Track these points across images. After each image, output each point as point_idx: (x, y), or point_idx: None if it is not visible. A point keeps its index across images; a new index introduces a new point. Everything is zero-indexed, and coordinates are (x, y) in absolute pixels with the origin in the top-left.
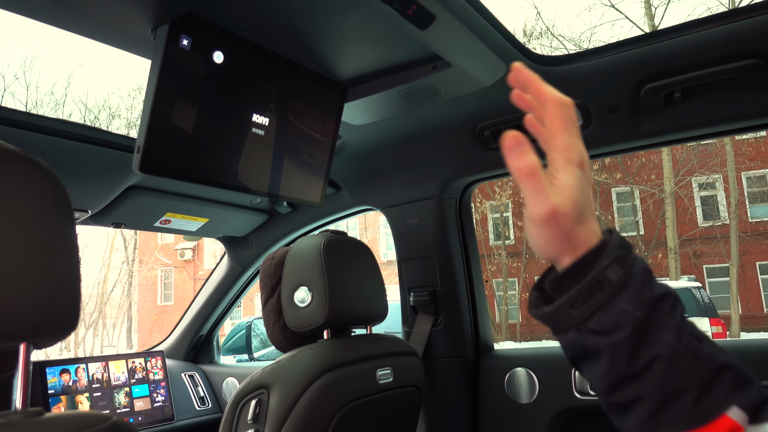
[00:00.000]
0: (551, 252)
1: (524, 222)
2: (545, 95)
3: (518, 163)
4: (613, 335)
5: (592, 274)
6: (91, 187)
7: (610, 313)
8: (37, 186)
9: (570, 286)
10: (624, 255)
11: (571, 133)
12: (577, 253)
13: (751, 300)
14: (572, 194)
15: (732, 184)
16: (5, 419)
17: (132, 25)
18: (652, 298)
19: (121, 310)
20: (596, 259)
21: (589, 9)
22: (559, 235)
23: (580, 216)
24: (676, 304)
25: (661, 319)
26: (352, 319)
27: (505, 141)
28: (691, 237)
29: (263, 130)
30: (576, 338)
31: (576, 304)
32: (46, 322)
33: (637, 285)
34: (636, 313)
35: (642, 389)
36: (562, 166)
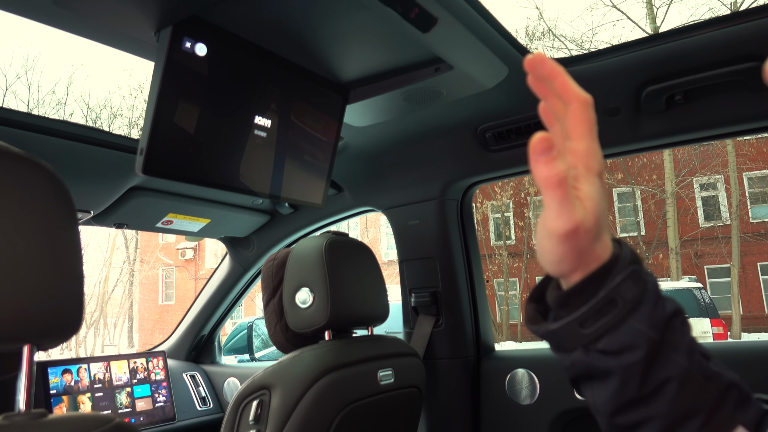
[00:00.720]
0: (564, 268)
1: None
2: (571, 93)
3: (546, 171)
4: (626, 356)
5: (604, 292)
6: (93, 188)
7: (622, 333)
8: (41, 189)
9: (580, 304)
10: (638, 270)
11: (594, 137)
12: (589, 268)
13: (752, 300)
14: (594, 208)
15: (733, 184)
16: (9, 421)
17: (135, 28)
18: (665, 316)
19: (122, 309)
20: (608, 275)
21: (590, 9)
22: (576, 251)
23: (599, 232)
24: (685, 321)
25: (673, 338)
26: (353, 320)
27: (534, 144)
28: (692, 237)
29: (265, 131)
30: (583, 358)
31: (587, 323)
32: (50, 323)
33: (652, 303)
34: (650, 333)
35: (651, 412)
36: (583, 175)
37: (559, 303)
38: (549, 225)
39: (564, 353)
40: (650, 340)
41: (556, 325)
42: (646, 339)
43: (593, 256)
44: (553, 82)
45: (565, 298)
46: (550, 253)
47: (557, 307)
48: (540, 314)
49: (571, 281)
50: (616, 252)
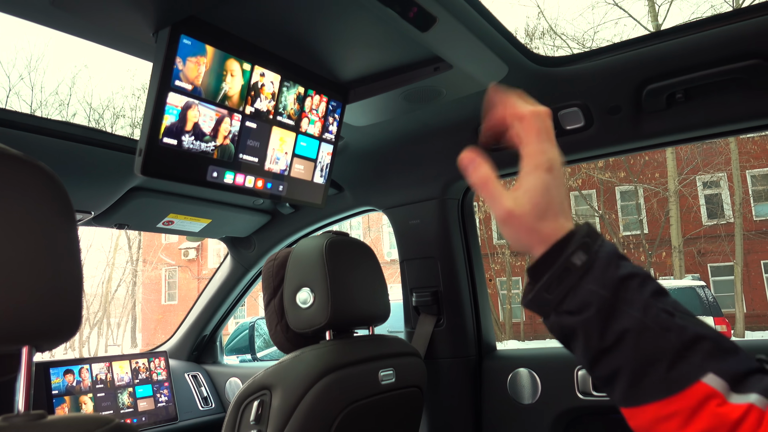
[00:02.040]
0: (520, 244)
1: None
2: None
3: (473, 176)
4: (584, 313)
5: (560, 261)
6: (94, 189)
7: (578, 293)
8: (39, 190)
9: (543, 273)
10: (588, 242)
11: (542, 140)
12: (547, 244)
13: (755, 299)
14: (532, 197)
15: (736, 182)
16: (7, 422)
17: (133, 29)
18: (617, 277)
19: (125, 309)
20: (564, 247)
21: (592, 7)
22: (522, 230)
23: (542, 214)
24: (646, 282)
25: (627, 295)
26: (354, 320)
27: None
28: (695, 236)
29: None
30: (556, 320)
31: (550, 289)
32: (49, 325)
33: (602, 267)
34: (601, 291)
35: (617, 362)
36: (528, 171)
37: (531, 275)
38: (493, 213)
39: (545, 319)
40: (602, 298)
41: (531, 294)
42: (598, 297)
43: (545, 234)
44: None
45: (532, 269)
46: (504, 233)
47: (531, 279)
48: None
49: (536, 256)
50: (572, 230)
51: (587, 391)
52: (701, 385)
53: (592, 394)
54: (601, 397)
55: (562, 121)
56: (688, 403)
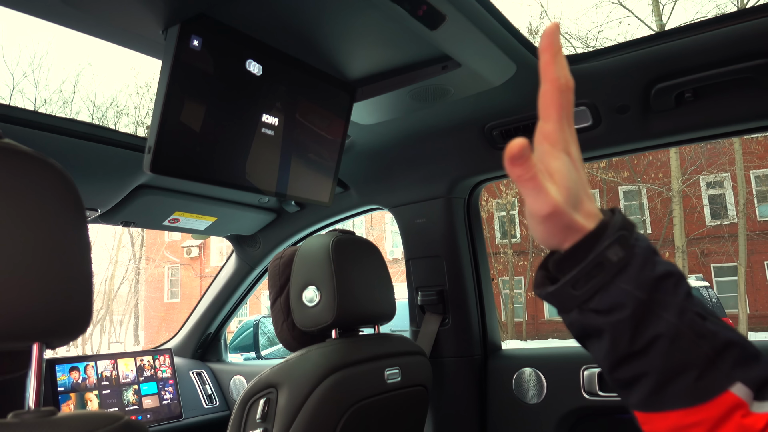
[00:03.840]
0: (553, 242)
1: (527, 218)
2: (548, 73)
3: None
4: (615, 315)
5: (592, 256)
6: (100, 186)
7: (610, 293)
8: (51, 187)
9: (571, 267)
10: (625, 236)
11: (561, 119)
12: (576, 237)
13: (759, 299)
14: (564, 181)
15: (740, 182)
16: (18, 419)
17: (143, 26)
18: (653, 277)
19: (128, 307)
20: (597, 240)
21: (596, 6)
22: (560, 225)
23: (576, 203)
24: (680, 282)
25: (663, 298)
26: (360, 318)
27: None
28: (698, 236)
29: (272, 130)
30: (578, 318)
31: (578, 285)
32: (59, 322)
33: (638, 265)
34: (636, 292)
35: (645, 367)
36: (547, 152)
37: (556, 268)
38: (532, 210)
39: (564, 314)
40: (637, 299)
41: (553, 287)
42: (632, 298)
43: (578, 226)
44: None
45: (559, 263)
46: (539, 232)
47: (555, 272)
48: (549, 280)
49: (564, 249)
50: (605, 220)
51: (593, 391)
52: (729, 395)
53: (598, 394)
54: (607, 397)
55: None
56: (714, 413)
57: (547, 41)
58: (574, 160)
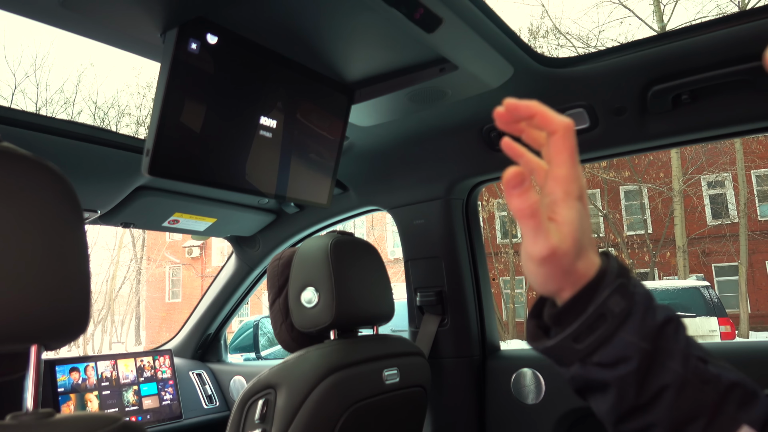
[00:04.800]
0: (550, 288)
1: (522, 259)
2: (554, 123)
3: (520, 203)
4: (620, 368)
5: (593, 307)
6: (100, 188)
7: (615, 345)
8: (48, 190)
9: (572, 320)
10: (624, 284)
11: (575, 163)
12: (577, 286)
13: (760, 299)
14: (572, 231)
15: (741, 182)
16: (17, 420)
17: (141, 29)
18: (656, 325)
19: (129, 307)
20: (596, 290)
21: (596, 6)
22: (559, 272)
23: (580, 252)
24: (680, 327)
25: (667, 345)
26: (358, 319)
27: (507, 179)
28: (699, 236)
29: (271, 132)
30: (581, 372)
31: (579, 338)
32: (57, 323)
33: (641, 314)
34: (642, 344)
35: (652, 419)
36: (561, 199)
37: (554, 320)
38: (528, 251)
39: (564, 368)
40: (642, 351)
41: (552, 341)
42: (637, 350)
43: (578, 274)
44: (533, 119)
45: (558, 315)
46: (534, 275)
47: (553, 324)
48: (541, 329)
49: (562, 299)
50: (603, 267)
51: None
52: None
53: None
54: None
55: None
56: None
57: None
58: (585, 206)
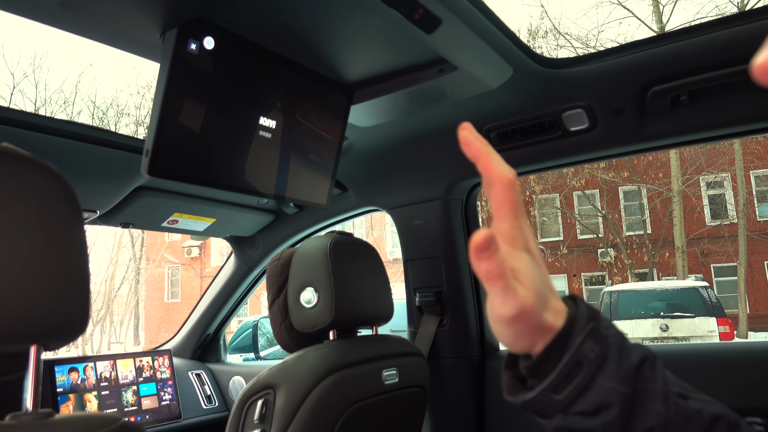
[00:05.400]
0: (523, 345)
1: (489, 320)
2: (493, 174)
3: (488, 266)
4: (603, 415)
5: (568, 355)
6: (99, 188)
7: (594, 392)
8: (47, 190)
9: (548, 371)
10: (596, 327)
11: (517, 216)
12: (548, 337)
13: (759, 299)
14: (531, 282)
15: (740, 182)
16: (16, 421)
17: (141, 30)
18: (633, 367)
19: (128, 307)
20: (568, 337)
21: (596, 7)
22: (529, 328)
23: (544, 302)
24: (655, 364)
25: (646, 387)
26: (357, 319)
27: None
28: (698, 236)
29: (270, 132)
30: (564, 423)
31: (558, 389)
32: (57, 324)
33: (616, 357)
34: (621, 388)
35: None
36: (509, 253)
37: (530, 372)
38: (497, 312)
39: (546, 420)
40: (623, 395)
41: (530, 394)
42: (618, 395)
43: (547, 325)
44: (477, 162)
45: (533, 367)
46: (505, 336)
47: (529, 376)
48: (518, 380)
49: (535, 352)
50: (572, 313)
51: None
52: None
53: None
54: None
55: (567, 123)
56: None
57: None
58: (535, 256)
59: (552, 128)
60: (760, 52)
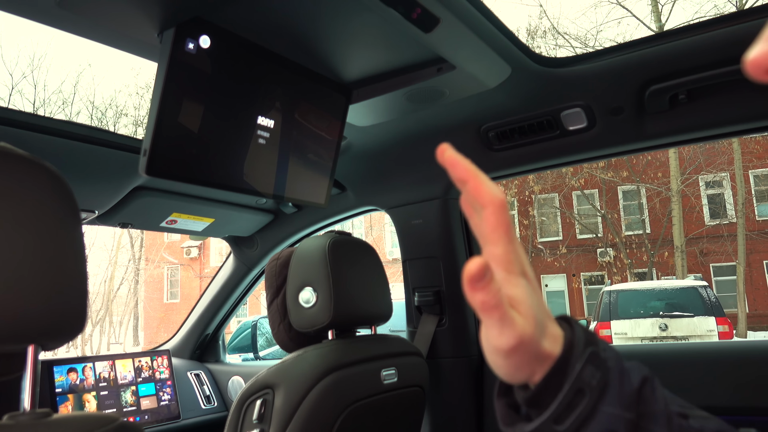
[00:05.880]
0: (521, 376)
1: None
2: (485, 196)
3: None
4: None
5: (569, 384)
6: (97, 188)
7: (598, 421)
8: (44, 190)
9: (549, 400)
10: (595, 351)
11: (511, 239)
12: (547, 365)
13: (758, 298)
14: (529, 310)
15: (739, 182)
16: (14, 420)
17: (138, 30)
18: (635, 390)
19: (127, 307)
20: (568, 364)
21: (594, 7)
22: (527, 358)
23: (542, 330)
24: (655, 384)
25: (648, 409)
26: (356, 319)
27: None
28: (697, 235)
29: (268, 132)
30: None
31: (560, 419)
32: (54, 324)
33: (617, 381)
34: (625, 414)
35: None
36: (505, 279)
37: (529, 403)
38: (494, 344)
39: None
40: (627, 422)
41: (530, 426)
42: (622, 421)
43: (545, 353)
44: (466, 185)
45: (532, 398)
46: (503, 368)
47: (528, 407)
48: (512, 408)
49: (534, 381)
50: (569, 338)
51: None
52: None
53: None
54: None
55: (565, 122)
56: None
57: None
58: (531, 280)
59: (550, 127)
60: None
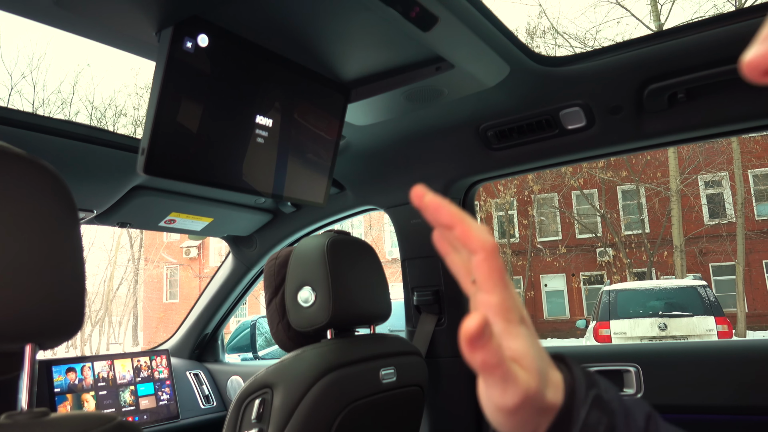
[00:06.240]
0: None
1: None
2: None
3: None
4: None
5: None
6: (96, 188)
7: None
8: (42, 188)
9: None
10: (598, 395)
11: (507, 284)
12: (551, 415)
13: (757, 298)
14: (532, 363)
15: (738, 182)
16: (11, 420)
17: (136, 28)
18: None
19: (126, 307)
20: (572, 411)
21: (594, 6)
22: (532, 413)
23: (546, 382)
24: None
25: None
26: (355, 318)
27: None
28: (697, 235)
29: (267, 131)
30: None
31: None
32: (52, 323)
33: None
34: None
35: None
36: (505, 329)
37: None
38: (497, 403)
39: None
40: None
41: None
42: None
43: (549, 404)
44: (452, 230)
45: None
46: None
47: None
48: None
49: None
50: (569, 383)
51: None
52: None
53: None
54: None
55: (564, 121)
56: None
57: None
58: (530, 326)
59: (549, 126)
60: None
